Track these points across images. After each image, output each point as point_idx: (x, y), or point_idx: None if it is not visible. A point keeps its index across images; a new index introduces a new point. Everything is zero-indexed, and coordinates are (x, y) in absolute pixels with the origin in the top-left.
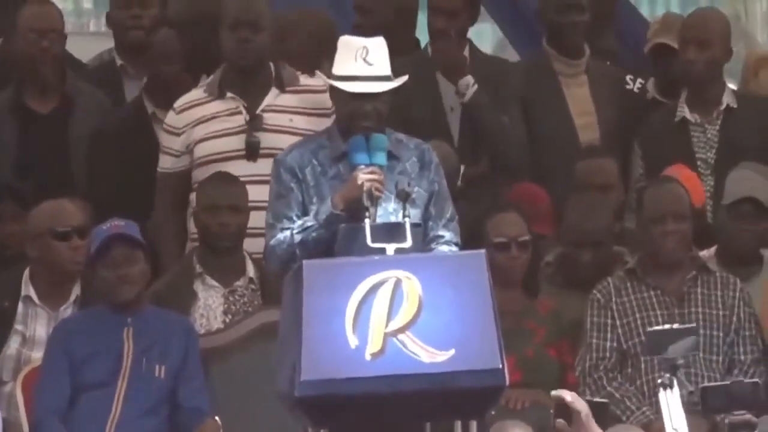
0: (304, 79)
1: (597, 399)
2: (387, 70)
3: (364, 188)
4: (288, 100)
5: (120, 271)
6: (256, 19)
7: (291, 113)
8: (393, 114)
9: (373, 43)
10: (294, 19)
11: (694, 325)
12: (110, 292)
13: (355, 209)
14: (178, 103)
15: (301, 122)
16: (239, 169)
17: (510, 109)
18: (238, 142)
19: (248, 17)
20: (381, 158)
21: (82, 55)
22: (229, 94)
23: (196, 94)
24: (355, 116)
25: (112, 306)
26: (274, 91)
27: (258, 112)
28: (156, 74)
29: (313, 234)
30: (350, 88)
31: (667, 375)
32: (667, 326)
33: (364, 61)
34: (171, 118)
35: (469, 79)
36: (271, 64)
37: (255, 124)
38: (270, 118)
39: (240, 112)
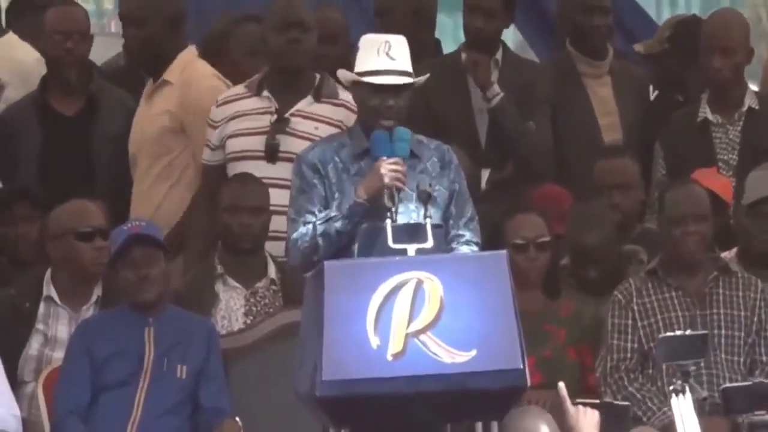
0: (344, 94)
1: (618, 402)
2: (409, 67)
3: (386, 182)
4: (320, 109)
5: (140, 272)
6: (304, 20)
7: (318, 121)
8: (422, 115)
9: (395, 39)
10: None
11: (705, 331)
12: (131, 292)
13: (377, 204)
14: (222, 96)
15: (325, 132)
16: (259, 170)
17: (538, 113)
18: (260, 143)
19: (297, 17)
20: (404, 149)
21: (103, 55)
22: (265, 93)
23: (238, 89)
24: (378, 111)
25: (133, 306)
26: (309, 98)
27: (287, 115)
28: (236, 67)
29: (336, 225)
30: (375, 81)
31: (679, 381)
32: (678, 332)
33: (387, 55)
34: (212, 111)
35: (496, 88)
36: (317, 75)
37: (279, 126)
38: (296, 123)
39: (270, 112)
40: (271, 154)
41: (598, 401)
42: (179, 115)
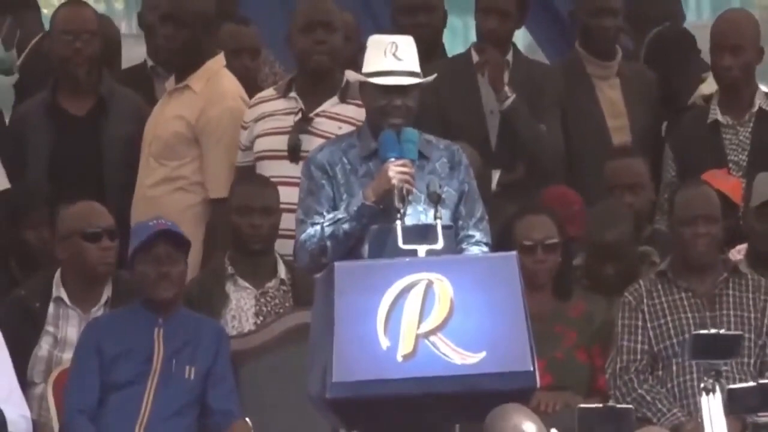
0: None
1: (620, 405)
2: (416, 67)
3: (395, 184)
4: (345, 109)
5: (162, 269)
6: (329, 20)
7: (342, 122)
8: (432, 116)
9: (402, 40)
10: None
11: (740, 332)
12: (148, 288)
13: (385, 205)
14: (254, 98)
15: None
16: (282, 168)
17: (549, 115)
18: (284, 142)
19: (322, 18)
20: (412, 151)
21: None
22: (291, 94)
23: (268, 91)
24: (385, 111)
25: (145, 305)
26: (334, 99)
27: (311, 115)
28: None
29: (344, 226)
30: (380, 81)
31: (711, 380)
32: (713, 330)
33: (393, 56)
34: (246, 113)
35: (508, 90)
36: (345, 77)
37: (302, 125)
38: (320, 123)
39: (295, 113)
40: (293, 153)
41: (601, 405)
42: (196, 127)
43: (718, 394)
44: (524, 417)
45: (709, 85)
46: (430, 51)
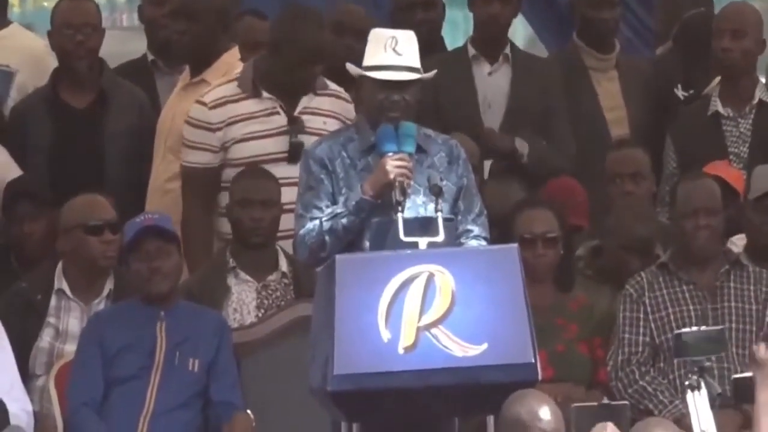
0: (332, 85)
1: (615, 402)
2: (416, 63)
3: (395, 179)
4: (321, 102)
5: (153, 264)
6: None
7: (325, 116)
8: (427, 110)
9: (402, 35)
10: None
11: (722, 326)
12: (143, 284)
13: (384, 199)
14: (210, 98)
15: (333, 126)
16: (279, 171)
17: (557, 116)
18: (277, 144)
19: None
20: (410, 145)
21: (116, 49)
22: (265, 94)
23: (228, 89)
24: (383, 106)
25: (145, 299)
26: (309, 94)
27: (296, 113)
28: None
29: (342, 221)
30: (379, 76)
31: (695, 377)
32: (694, 328)
33: (393, 50)
34: (201, 113)
35: (519, 143)
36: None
37: (297, 126)
38: (307, 121)
39: (278, 113)
40: (295, 154)
41: (596, 404)
42: None
43: (704, 390)
44: (541, 402)
45: None
46: (429, 46)
